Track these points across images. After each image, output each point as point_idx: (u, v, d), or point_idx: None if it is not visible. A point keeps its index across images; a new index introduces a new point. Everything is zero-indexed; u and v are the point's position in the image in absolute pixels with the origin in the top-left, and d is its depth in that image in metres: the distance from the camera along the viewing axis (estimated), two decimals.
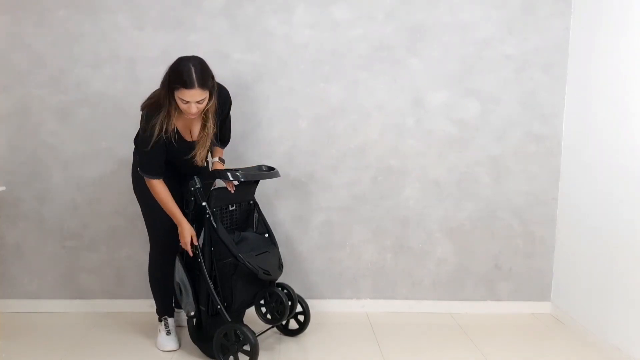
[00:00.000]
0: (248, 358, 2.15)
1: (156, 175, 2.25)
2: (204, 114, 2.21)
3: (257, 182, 2.48)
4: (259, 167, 2.45)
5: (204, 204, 2.24)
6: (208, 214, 2.24)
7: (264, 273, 2.25)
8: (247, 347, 2.16)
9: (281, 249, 2.84)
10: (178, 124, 2.22)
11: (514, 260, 2.88)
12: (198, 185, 2.26)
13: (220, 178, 2.28)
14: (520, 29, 2.75)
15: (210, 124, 2.23)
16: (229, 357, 2.19)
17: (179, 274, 2.30)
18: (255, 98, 2.77)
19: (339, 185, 2.83)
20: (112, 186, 2.78)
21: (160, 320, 2.48)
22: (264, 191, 2.79)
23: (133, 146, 2.37)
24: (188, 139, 2.28)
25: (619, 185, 2.33)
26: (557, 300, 2.84)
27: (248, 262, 2.20)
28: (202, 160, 2.30)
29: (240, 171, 2.28)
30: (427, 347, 2.45)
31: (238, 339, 2.16)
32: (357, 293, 2.90)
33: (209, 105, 2.16)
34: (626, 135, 2.28)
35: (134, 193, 2.42)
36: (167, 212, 2.27)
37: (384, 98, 2.78)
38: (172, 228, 2.33)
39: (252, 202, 2.48)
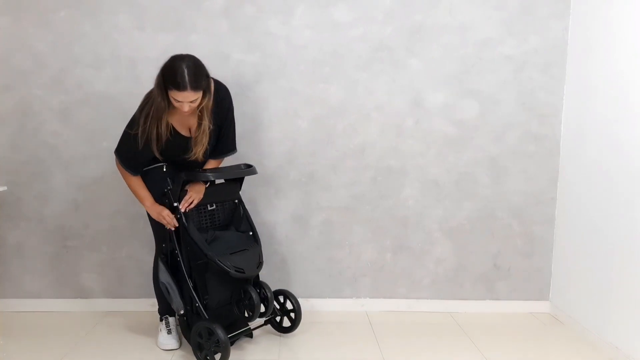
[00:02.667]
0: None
1: (135, 172, 2.29)
2: (200, 111, 2.22)
3: (240, 181, 2.49)
4: (238, 166, 2.46)
5: (175, 204, 2.27)
6: (180, 214, 2.26)
7: (236, 271, 2.23)
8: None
9: (281, 249, 2.86)
10: (174, 118, 2.23)
11: (512, 259, 2.89)
12: (170, 187, 2.29)
13: (190, 179, 2.29)
14: (519, 30, 2.76)
15: (206, 121, 2.23)
16: (205, 354, 2.21)
17: (163, 274, 2.31)
18: (255, 98, 2.78)
19: (339, 185, 2.84)
20: (113, 186, 2.78)
21: (161, 320, 2.49)
22: (264, 191, 2.81)
23: None
24: (185, 134, 2.29)
25: (617, 184, 2.34)
26: (555, 300, 2.86)
27: (218, 260, 2.20)
28: (197, 155, 2.30)
29: (209, 171, 2.31)
30: (426, 346, 2.46)
31: (211, 336, 2.17)
32: (357, 292, 2.91)
33: (204, 103, 2.17)
34: (625, 135, 2.30)
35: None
36: (137, 198, 2.31)
37: (383, 98, 2.79)
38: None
39: (236, 200, 2.50)
